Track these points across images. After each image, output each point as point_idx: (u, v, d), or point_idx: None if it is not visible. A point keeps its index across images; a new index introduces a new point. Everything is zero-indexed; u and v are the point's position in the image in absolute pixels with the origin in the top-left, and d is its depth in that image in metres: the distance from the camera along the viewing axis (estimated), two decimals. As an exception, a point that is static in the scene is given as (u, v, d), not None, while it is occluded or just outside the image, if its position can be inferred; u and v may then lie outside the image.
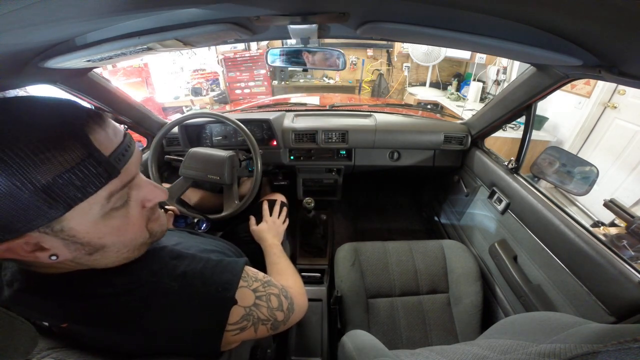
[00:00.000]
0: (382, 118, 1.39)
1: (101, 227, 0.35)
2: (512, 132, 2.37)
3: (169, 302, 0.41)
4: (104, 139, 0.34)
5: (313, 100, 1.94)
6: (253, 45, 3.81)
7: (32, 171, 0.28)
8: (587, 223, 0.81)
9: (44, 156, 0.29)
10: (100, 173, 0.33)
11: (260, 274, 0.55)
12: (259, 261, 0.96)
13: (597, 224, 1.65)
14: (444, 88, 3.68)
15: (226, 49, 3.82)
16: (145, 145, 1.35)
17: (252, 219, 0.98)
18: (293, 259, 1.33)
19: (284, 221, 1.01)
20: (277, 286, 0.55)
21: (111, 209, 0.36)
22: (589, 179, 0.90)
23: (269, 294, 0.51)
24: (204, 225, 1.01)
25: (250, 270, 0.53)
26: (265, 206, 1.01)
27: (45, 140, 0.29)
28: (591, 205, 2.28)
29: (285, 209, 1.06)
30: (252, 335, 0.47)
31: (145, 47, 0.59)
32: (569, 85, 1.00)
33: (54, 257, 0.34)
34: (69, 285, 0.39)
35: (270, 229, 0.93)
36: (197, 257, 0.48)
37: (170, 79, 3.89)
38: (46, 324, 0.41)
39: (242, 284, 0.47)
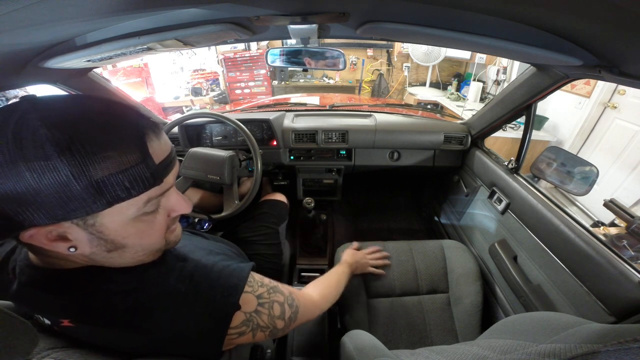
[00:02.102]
0: (382, 118, 1.39)
1: (128, 228, 0.37)
2: (512, 132, 2.37)
3: (175, 303, 0.41)
4: (156, 148, 0.37)
5: (313, 100, 1.94)
6: (253, 45, 3.81)
7: (92, 165, 0.30)
8: (587, 223, 0.81)
9: (105, 154, 0.31)
10: (147, 178, 0.35)
11: (266, 280, 0.54)
12: (260, 263, 0.96)
13: (597, 224, 1.65)
14: (444, 88, 3.68)
15: (226, 49, 3.81)
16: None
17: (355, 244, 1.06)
18: (293, 259, 1.33)
19: (372, 260, 1.02)
20: (284, 293, 0.54)
21: (143, 213, 0.37)
22: (589, 179, 0.90)
23: (272, 301, 0.51)
24: (206, 225, 1.01)
25: (256, 276, 0.52)
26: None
27: (109, 140, 0.32)
28: (591, 205, 2.28)
29: (381, 254, 1.05)
30: (249, 340, 0.47)
31: (145, 47, 0.59)
32: (569, 85, 1.00)
33: (72, 249, 0.35)
34: (75, 281, 0.39)
35: (355, 255, 0.98)
36: (203, 260, 0.49)
37: (170, 79, 3.89)
38: (48, 322, 0.41)
39: (246, 289, 0.47)
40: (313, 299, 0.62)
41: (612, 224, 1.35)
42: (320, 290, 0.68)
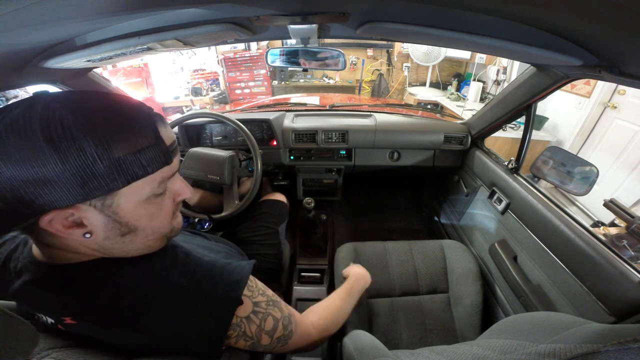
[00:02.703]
0: (382, 118, 1.39)
1: (140, 210, 0.39)
2: (512, 132, 2.37)
3: (177, 297, 0.41)
4: (165, 134, 0.40)
5: (313, 100, 1.94)
6: (253, 45, 3.81)
7: (113, 146, 0.34)
8: (587, 223, 0.81)
9: (125, 135, 0.35)
10: (160, 158, 0.39)
11: (270, 291, 0.53)
12: (260, 263, 0.96)
13: (597, 224, 1.65)
14: (444, 88, 3.68)
15: (226, 49, 3.81)
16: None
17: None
18: (293, 259, 1.33)
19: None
20: (283, 311, 0.52)
21: (154, 195, 0.40)
22: (589, 179, 0.90)
23: (268, 313, 0.49)
24: (207, 224, 1.01)
25: (259, 283, 0.52)
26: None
27: (128, 125, 0.36)
28: (591, 205, 2.28)
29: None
30: (231, 344, 0.46)
31: (145, 47, 0.59)
32: (569, 85, 1.00)
33: (87, 235, 0.36)
34: (81, 276, 0.39)
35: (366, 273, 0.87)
36: (205, 257, 0.49)
37: (170, 79, 3.89)
38: (51, 320, 0.41)
39: (245, 293, 0.46)
40: (311, 333, 0.58)
41: (612, 224, 1.36)
42: (320, 323, 0.62)
